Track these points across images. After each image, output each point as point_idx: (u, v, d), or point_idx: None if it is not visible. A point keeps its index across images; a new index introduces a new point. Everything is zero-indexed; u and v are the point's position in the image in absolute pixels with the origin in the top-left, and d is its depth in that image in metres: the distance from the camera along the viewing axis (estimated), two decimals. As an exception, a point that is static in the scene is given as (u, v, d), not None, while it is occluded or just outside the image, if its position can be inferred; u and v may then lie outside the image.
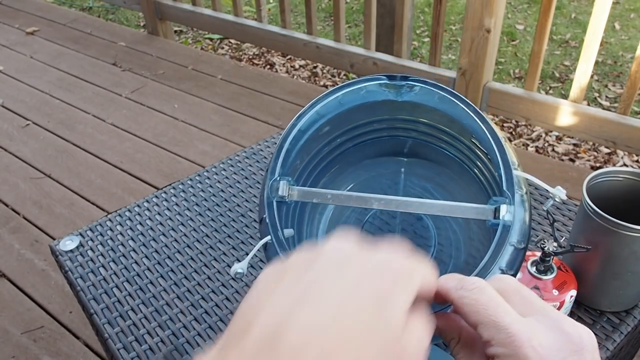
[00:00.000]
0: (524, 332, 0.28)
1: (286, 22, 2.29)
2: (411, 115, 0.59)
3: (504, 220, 0.42)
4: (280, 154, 0.48)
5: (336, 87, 0.52)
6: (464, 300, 0.30)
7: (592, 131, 1.64)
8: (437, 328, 0.32)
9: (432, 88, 0.51)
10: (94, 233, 0.78)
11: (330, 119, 0.53)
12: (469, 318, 0.30)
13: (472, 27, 1.67)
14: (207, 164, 1.86)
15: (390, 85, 0.52)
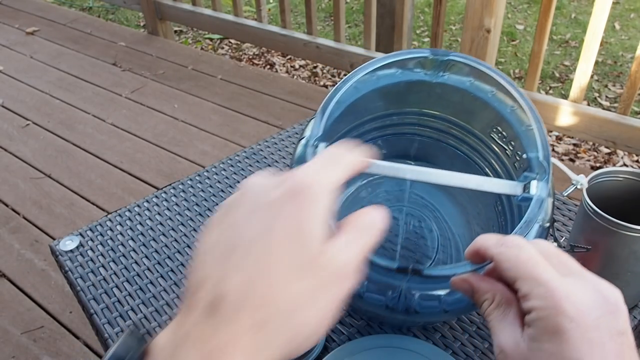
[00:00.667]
0: (563, 288, 0.29)
1: (286, 22, 2.28)
2: (437, 107, 0.59)
3: (536, 195, 0.41)
4: (324, 117, 0.47)
5: (374, 60, 0.51)
6: (504, 256, 0.32)
7: (592, 131, 1.64)
8: (472, 289, 0.34)
9: (469, 62, 0.50)
10: (94, 233, 0.78)
11: (366, 94, 0.53)
12: (508, 273, 0.31)
13: (472, 27, 1.67)
14: (207, 164, 1.86)
15: (430, 61, 0.51)
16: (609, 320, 0.29)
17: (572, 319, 0.28)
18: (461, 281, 0.35)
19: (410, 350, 0.56)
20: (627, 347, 0.29)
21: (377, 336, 0.59)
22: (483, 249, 0.34)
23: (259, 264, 0.26)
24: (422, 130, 0.62)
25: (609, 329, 0.29)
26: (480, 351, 0.59)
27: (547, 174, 0.43)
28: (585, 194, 0.58)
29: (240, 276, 0.25)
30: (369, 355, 0.56)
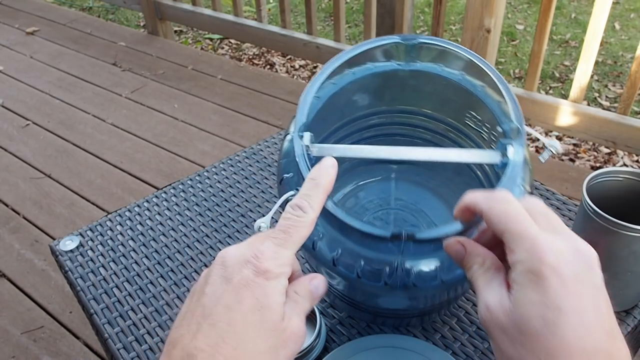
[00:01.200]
0: (546, 242, 0.31)
1: (286, 22, 2.28)
2: (411, 99, 0.60)
3: (511, 160, 0.42)
4: (305, 106, 0.47)
5: (345, 52, 0.51)
6: (493, 210, 0.34)
7: (592, 131, 1.64)
8: (465, 251, 0.36)
9: (438, 43, 0.52)
10: (94, 233, 0.78)
11: (343, 88, 0.54)
12: (496, 227, 0.33)
13: (472, 27, 1.67)
14: (207, 164, 1.86)
15: (400, 47, 0.53)
16: (587, 274, 0.31)
17: (553, 269, 0.30)
18: (455, 242, 0.37)
19: (410, 350, 0.56)
20: (603, 301, 0.31)
21: (377, 336, 0.59)
22: (472, 205, 0.35)
23: (228, 331, 0.31)
24: (401, 128, 0.63)
25: (586, 282, 0.31)
26: (480, 351, 0.59)
27: (522, 137, 0.44)
28: (585, 194, 0.58)
29: (210, 339, 0.31)
30: (369, 355, 0.56)
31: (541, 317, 0.30)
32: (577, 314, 0.30)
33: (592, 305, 0.30)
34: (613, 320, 0.31)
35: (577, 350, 0.29)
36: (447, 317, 0.63)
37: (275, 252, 0.34)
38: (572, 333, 0.29)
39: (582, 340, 0.29)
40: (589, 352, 0.29)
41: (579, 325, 0.29)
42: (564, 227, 0.33)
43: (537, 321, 0.30)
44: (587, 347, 0.29)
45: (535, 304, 0.30)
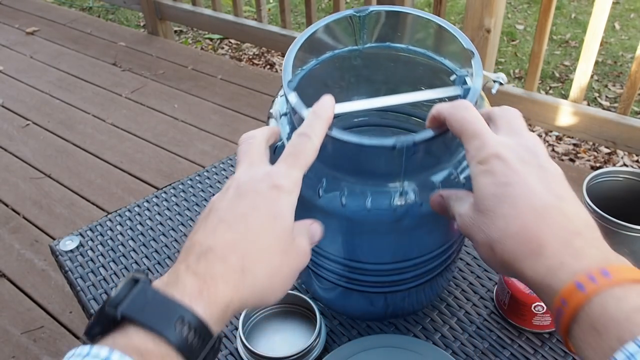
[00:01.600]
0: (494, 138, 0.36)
1: (286, 22, 2.28)
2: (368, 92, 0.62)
3: (472, 85, 0.46)
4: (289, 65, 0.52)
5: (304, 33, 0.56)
6: (453, 116, 0.38)
7: (592, 131, 1.64)
8: (444, 197, 0.41)
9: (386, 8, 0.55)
10: (94, 233, 0.78)
11: (304, 76, 0.57)
12: (455, 130, 0.38)
13: (472, 27, 1.67)
14: (207, 164, 1.86)
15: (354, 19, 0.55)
16: (531, 157, 0.35)
17: (497, 155, 0.35)
18: (437, 196, 0.42)
19: (410, 350, 0.56)
20: (552, 176, 0.35)
21: (377, 336, 0.59)
22: (438, 114, 0.40)
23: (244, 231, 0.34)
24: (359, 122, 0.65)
25: (531, 163, 0.35)
26: (480, 351, 0.59)
27: (477, 62, 0.47)
28: (585, 194, 0.58)
29: (227, 236, 0.34)
30: (369, 355, 0.56)
31: (493, 195, 0.34)
32: (523, 184, 0.33)
33: (538, 178, 0.34)
34: (567, 191, 0.34)
35: (526, 210, 0.33)
36: (447, 317, 0.63)
37: (287, 171, 0.37)
38: (521, 198, 0.33)
39: (530, 201, 0.33)
40: (538, 209, 0.33)
41: (526, 191, 0.33)
42: (523, 130, 0.37)
43: (491, 199, 0.34)
44: (536, 206, 0.33)
45: (487, 185, 0.34)
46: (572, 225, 0.32)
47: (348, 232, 0.53)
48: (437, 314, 0.63)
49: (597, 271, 0.30)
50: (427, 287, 0.59)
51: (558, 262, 0.31)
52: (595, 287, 0.29)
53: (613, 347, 0.27)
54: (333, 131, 0.43)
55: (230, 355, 0.60)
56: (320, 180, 0.47)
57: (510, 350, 0.59)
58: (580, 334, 0.30)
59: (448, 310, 0.63)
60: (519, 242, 0.33)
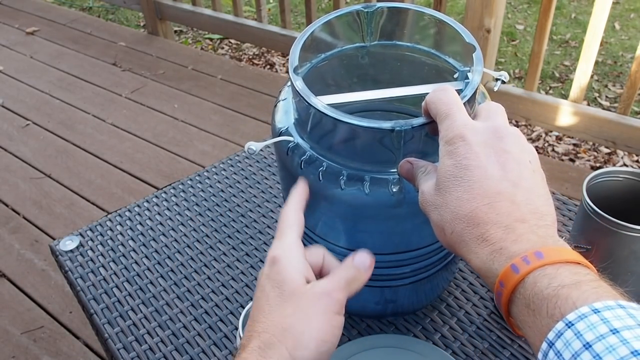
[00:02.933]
0: (463, 120, 0.37)
1: (286, 22, 2.28)
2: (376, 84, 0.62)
3: (472, 80, 0.46)
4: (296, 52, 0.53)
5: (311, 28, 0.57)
6: (430, 97, 0.39)
7: (592, 131, 1.64)
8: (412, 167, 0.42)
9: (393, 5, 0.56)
10: (94, 233, 0.78)
11: (309, 72, 0.58)
12: (432, 111, 0.39)
13: (472, 27, 1.67)
14: (207, 164, 1.86)
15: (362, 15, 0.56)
16: (496, 141, 0.36)
17: (462, 137, 0.35)
18: (405, 162, 0.42)
19: (410, 350, 0.56)
20: (513, 162, 0.35)
21: (377, 336, 0.59)
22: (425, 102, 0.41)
23: (257, 313, 0.38)
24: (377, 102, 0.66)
25: (494, 147, 0.35)
26: (480, 351, 0.59)
27: (478, 58, 0.48)
28: (585, 194, 0.58)
29: (249, 327, 0.38)
30: (369, 355, 0.56)
31: (452, 176, 0.35)
32: (481, 168, 0.34)
33: (496, 162, 0.35)
34: (526, 178, 0.35)
35: (479, 195, 0.34)
36: (447, 317, 0.63)
37: (274, 245, 0.40)
38: (476, 183, 0.34)
39: (483, 188, 0.34)
40: (490, 195, 0.34)
41: (483, 176, 0.34)
42: (498, 117, 0.39)
43: (450, 180, 0.35)
44: (488, 192, 0.34)
45: (449, 167, 0.35)
46: (518, 212, 0.33)
47: (347, 218, 0.53)
48: (437, 314, 0.63)
49: (531, 253, 0.31)
50: (427, 284, 0.59)
51: (498, 247, 0.32)
52: (528, 268, 0.30)
53: (547, 325, 0.28)
54: (333, 113, 0.44)
55: (230, 355, 0.60)
56: (321, 165, 0.48)
57: (510, 350, 0.59)
58: (519, 315, 0.31)
59: (448, 310, 0.63)
60: (467, 225, 0.34)
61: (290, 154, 0.50)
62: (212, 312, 0.66)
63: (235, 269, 0.71)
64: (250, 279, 0.70)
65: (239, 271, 0.71)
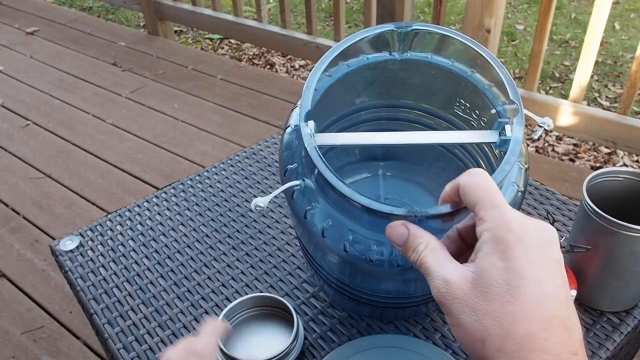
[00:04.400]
0: (514, 214, 0.33)
1: (286, 22, 2.28)
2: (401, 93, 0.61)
3: (512, 136, 0.43)
4: (309, 94, 0.47)
5: (341, 42, 0.51)
6: (468, 183, 0.35)
7: (592, 131, 1.64)
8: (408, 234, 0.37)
9: (432, 29, 0.52)
10: (94, 233, 0.78)
11: (338, 79, 0.54)
12: (469, 198, 0.35)
13: (472, 27, 1.67)
14: (207, 164, 1.86)
15: (395, 35, 0.53)
16: (548, 248, 0.33)
17: (519, 238, 0.32)
18: (399, 225, 0.38)
19: (410, 350, 0.56)
20: (560, 275, 0.32)
21: (377, 336, 0.59)
22: (455, 185, 0.37)
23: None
24: (390, 123, 0.64)
25: (547, 254, 0.32)
26: (480, 351, 0.59)
27: (521, 115, 0.45)
28: (585, 194, 0.58)
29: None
30: (369, 355, 0.56)
31: (506, 283, 0.31)
32: (537, 282, 0.31)
33: (551, 276, 0.32)
34: (569, 294, 0.33)
35: (536, 316, 0.31)
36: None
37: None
38: (533, 300, 0.31)
39: (541, 307, 0.31)
40: (546, 318, 0.31)
41: (539, 293, 0.31)
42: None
43: (502, 287, 0.31)
44: (545, 314, 0.31)
45: (500, 269, 0.31)
46: (571, 341, 0.31)
47: (352, 271, 0.53)
48: (437, 314, 0.63)
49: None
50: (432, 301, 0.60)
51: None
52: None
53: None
54: (343, 189, 0.41)
55: (230, 355, 0.60)
56: (327, 220, 0.46)
57: (510, 350, 0.59)
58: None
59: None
60: (520, 348, 0.30)
61: (296, 198, 0.48)
62: (212, 312, 0.66)
63: (235, 268, 0.71)
64: (250, 278, 0.70)
65: (239, 271, 0.71)
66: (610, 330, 0.61)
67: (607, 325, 0.61)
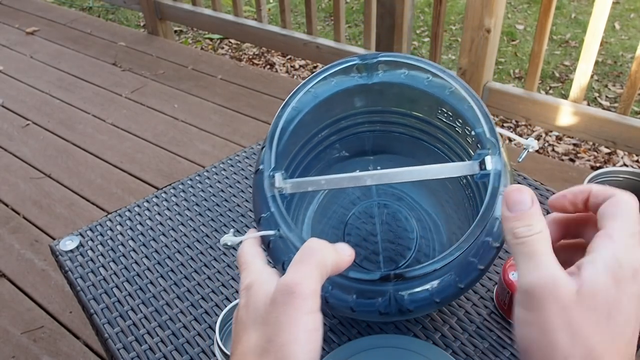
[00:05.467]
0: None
1: (286, 22, 2.28)
2: (379, 103, 0.60)
3: (493, 170, 0.43)
4: (272, 147, 0.48)
5: (308, 79, 0.52)
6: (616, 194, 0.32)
7: (592, 131, 1.64)
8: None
9: (398, 59, 0.52)
10: (94, 233, 0.78)
11: (308, 111, 0.54)
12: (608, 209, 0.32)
13: (472, 27, 1.67)
14: (207, 164, 1.86)
15: (362, 66, 0.53)
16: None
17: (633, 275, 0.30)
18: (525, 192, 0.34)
19: (410, 350, 0.56)
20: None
21: (377, 336, 0.59)
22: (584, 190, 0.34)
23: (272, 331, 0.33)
24: (373, 126, 0.63)
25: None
26: (480, 351, 0.59)
27: (498, 148, 0.44)
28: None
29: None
30: (369, 355, 0.56)
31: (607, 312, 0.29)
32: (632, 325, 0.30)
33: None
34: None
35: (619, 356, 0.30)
36: (446, 316, 0.63)
37: (241, 278, 0.40)
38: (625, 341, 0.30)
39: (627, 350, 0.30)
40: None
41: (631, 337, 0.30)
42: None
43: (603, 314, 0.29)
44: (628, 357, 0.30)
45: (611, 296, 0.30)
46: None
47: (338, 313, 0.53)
48: (437, 313, 0.63)
49: None
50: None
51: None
52: None
53: None
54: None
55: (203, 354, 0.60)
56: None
57: (510, 350, 0.59)
58: None
59: (448, 309, 0.63)
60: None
61: (273, 248, 0.48)
62: (212, 312, 0.66)
63: (235, 268, 0.71)
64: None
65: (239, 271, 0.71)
66: (610, 330, 0.61)
67: (607, 325, 0.61)
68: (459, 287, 0.44)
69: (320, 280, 0.34)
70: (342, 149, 0.65)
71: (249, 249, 0.41)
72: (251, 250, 0.41)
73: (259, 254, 0.41)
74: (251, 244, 0.42)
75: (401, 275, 0.41)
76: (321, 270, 0.34)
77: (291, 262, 0.35)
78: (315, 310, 0.33)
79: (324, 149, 0.63)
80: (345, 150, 0.65)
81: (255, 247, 0.42)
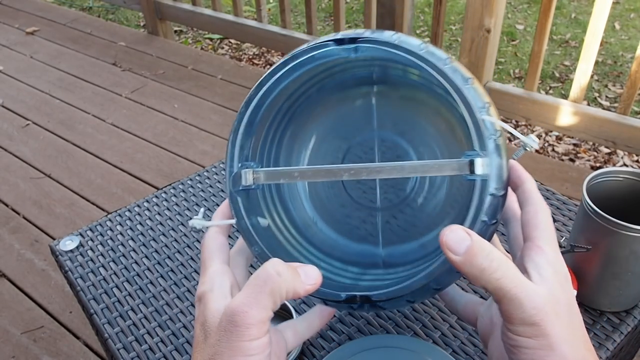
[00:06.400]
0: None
1: (286, 22, 2.29)
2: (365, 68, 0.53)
3: (480, 175, 0.40)
4: (236, 144, 0.46)
5: (282, 62, 0.48)
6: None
7: (592, 131, 1.64)
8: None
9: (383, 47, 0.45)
10: (94, 233, 0.78)
11: (287, 84, 0.50)
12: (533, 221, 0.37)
13: (472, 27, 1.67)
14: (207, 164, 1.86)
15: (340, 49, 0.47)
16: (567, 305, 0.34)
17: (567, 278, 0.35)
18: (459, 229, 0.34)
19: (410, 350, 0.56)
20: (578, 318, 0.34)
21: (377, 336, 0.59)
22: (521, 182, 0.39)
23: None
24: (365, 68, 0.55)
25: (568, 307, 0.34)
26: (480, 350, 0.59)
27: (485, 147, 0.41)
28: (585, 194, 0.58)
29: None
30: (368, 355, 0.56)
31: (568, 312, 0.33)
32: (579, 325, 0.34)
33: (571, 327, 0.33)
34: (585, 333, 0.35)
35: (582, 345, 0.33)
36: (446, 314, 0.63)
37: (199, 282, 0.40)
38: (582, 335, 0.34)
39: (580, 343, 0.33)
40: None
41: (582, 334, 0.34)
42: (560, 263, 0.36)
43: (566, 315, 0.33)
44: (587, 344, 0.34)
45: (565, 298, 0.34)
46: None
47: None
48: (437, 312, 0.63)
49: None
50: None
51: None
52: None
53: None
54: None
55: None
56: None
57: (510, 350, 0.59)
58: None
59: (448, 308, 0.63)
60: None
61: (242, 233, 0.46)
62: (212, 312, 0.66)
63: (235, 268, 0.71)
64: (250, 278, 0.70)
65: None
66: (610, 330, 0.61)
67: (607, 325, 0.61)
68: (434, 288, 0.42)
69: (272, 307, 0.34)
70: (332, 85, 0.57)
71: (211, 243, 0.41)
72: (213, 244, 0.41)
73: (219, 249, 0.40)
74: (215, 233, 0.42)
75: (368, 299, 0.40)
76: (274, 298, 0.33)
77: (246, 284, 0.34)
78: (260, 336, 0.33)
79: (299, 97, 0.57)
80: (349, 80, 0.56)
81: (219, 239, 0.41)
